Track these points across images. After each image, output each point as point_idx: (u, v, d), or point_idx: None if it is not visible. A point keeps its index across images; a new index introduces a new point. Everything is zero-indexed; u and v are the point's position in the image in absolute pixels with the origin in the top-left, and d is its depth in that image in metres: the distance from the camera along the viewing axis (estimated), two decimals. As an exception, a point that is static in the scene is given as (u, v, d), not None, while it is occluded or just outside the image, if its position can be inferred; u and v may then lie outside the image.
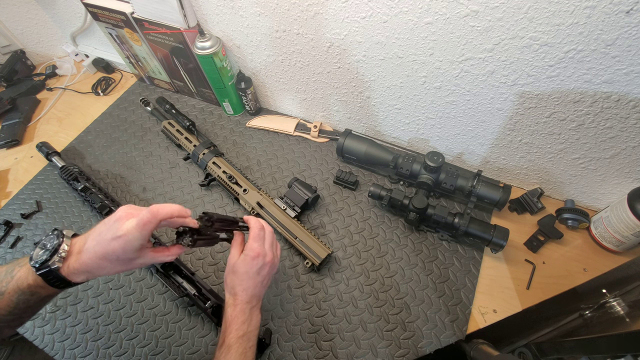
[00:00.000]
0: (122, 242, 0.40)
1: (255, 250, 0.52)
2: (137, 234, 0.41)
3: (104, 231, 0.42)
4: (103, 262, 0.41)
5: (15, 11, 1.09)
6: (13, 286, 0.42)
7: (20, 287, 0.42)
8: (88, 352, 0.66)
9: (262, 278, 0.53)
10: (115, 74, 1.18)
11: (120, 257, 0.41)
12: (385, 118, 0.81)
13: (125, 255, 0.42)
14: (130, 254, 0.42)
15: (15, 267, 0.43)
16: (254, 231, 0.54)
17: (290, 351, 0.63)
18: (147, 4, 0.80)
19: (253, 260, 0.52)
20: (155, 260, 0.46)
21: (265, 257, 0.53)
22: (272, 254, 0.54)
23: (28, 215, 0.86)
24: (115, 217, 0.42)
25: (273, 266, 0.55)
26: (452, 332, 0.63)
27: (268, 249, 0.54)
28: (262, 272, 0.53)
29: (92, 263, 0.41)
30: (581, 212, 0.69)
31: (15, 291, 0.42)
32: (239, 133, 0.96)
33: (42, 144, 0.93)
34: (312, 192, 0.76)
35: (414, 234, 0.74)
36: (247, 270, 0.51)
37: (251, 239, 0.53)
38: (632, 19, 0.44)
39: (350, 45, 0.67)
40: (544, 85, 0.56)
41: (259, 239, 0.53)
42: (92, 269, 0.42)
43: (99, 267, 0.42)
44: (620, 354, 0.48)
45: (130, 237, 0.40)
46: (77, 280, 0.42)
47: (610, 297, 0.63)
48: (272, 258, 0.54)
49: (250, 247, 0.52)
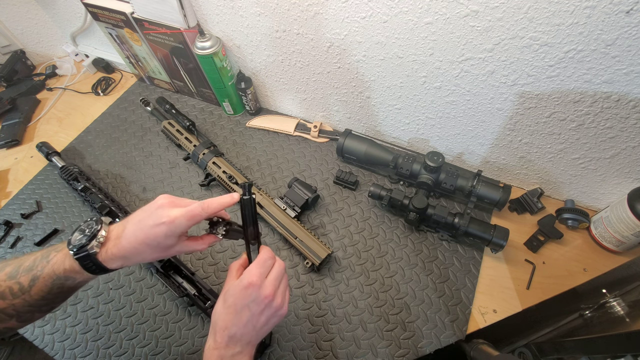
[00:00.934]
0: (166, 229, 0.41)
1: (252, 277, 0.41)
2: (184, 222, 0.41)
3: (145, 218, 0.42)
4: (142, 247, 0.42)
5: (15, 11, 1.09)
6: (48, 271, 0.42)
7: (56, 271, 0.42)
8: (88, 352, 0.66)
9: (253, 317, 0.41)
10: (115, 74, 1.18)
11: (161, 243, 0.42)
12: (385, 118, 0.81)
13: (166, 242, 0.42)
14: (170, 241, 0.42)
15: (52, 252, 0.44)
16: (261, 256, 0.44)
17: (290, 351, 0.63)
18: (147, 4, 0.80)
19: (245, 290, 0.41)
20: (189, 249, 0.46)
21: (261, 289, 0.42)
22: (272, 291, 0.42)
23: (28, 215, 0.86)
24: (157, 204, 0.43)
25: (273, 308, 0.43)
26: (452, 332, 0.63)
27: (270, 283, 0.43)
28: (253, 309, 0.41)
29: (131, 248, 0.42)
30: (581, 212, 0.69)
31: (51, 276, 0.42)
32: (239, 133, 0.96)
33: (42, 144, 0.93)
34: (312, 192, 0.76)
35: (414, 234, 0.74)
36: (235, 302, 0.41)
37: (254, 263, 0.44)
38: (632, 19, 0.44)
39: (350, 45, 0.67)
40: (544, 85, 0.56)
41: (262, 266, 0.43)
42: (130, 254, 0.42)
43: (137, 253, 0.42)
44: (620, 354, 0.49)
45: (176, 223, 0.41)
46: (113, 266, 0.43)
47: (610, 297, 0.63)
48: (271, 295, 0.42)
49: (248, 271, 0.42)
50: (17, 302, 0.43)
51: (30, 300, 0.43)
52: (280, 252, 0.74)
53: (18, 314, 0.44)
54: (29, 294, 0.43)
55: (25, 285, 0.43)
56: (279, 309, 0.43)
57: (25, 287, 0.43)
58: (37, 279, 0.43)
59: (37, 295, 0.43)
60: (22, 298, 0.43)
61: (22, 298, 0.43)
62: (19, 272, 0.43)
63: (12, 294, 0.43)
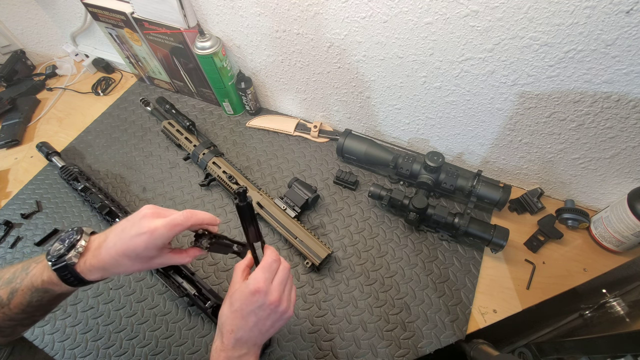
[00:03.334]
0: (146, 239, 0.40)
1: (258, 283, 0.41)
2: (165, 232, 0.40)
3: (128, 227, 0.41)
4: (122, 259, 0.41)
5: (15, 11, 1.09)
6: (27, 283, 0.42)
7: (34, 283, 0.41)
8: (88, 352, 0.66)
9: (259, 322, 0.42)
10: (115, 74, 1.18)
11: (141, 254, 0.41)
12: (385, 118, 0.81)
13: (146, 253, 0.41)
14: (151, 252, 0.41)
15: (32, 264, 0.43)
16: (266, 260, 0.43)
17: (290, 351, 0.63)
18: (147, 4, 0.80)
19: (252, 296, 0.41)
20: (172, 261, 0.45)
21: (267, 295, 0.42)
22: (278, 296, 0.42)
23: (28, 215, 0.86)
24: (141, 214, 0.42)
25: (279, 313, 0.43)
26: (452, 332, 0.63)
27: (275, 288, 0.43)
28: (259, 314, 0.42)
29: (110, 259, 0.41)
30: (581, 212, 0.69)
31: (29, 288, 0.42)
32: (239, 133, 0.96)
33: (42, 144, 0.93)
34: (312, 192, 0.76)
35: (414, 234, 0.74)
36: (242, 307, 0.42)
37: (259, 267, 0.43)
38: (632, 19, 0.44)
39: (350, 45, 0.67)
40: (544, 85, 0.56)
41: (267, 271, 0.43)
42: (109, 265, 0.41)
43: (116, 264, 0.41)
44: (620, 354, 0.48)
45: (156, 234, 0.40)
46: (92, 277, 0.42)
47: (610, 297, 0.63)
48: (277, 301, 0.42)
49: (254, 277, 0.42)
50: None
51: (10, 314, 0.42)
52: (280, 252, 0.74)
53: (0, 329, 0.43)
54: (8, 307, 0.42)
55: (4, 298, 0.42)
56: (284, 313, 0.44)
57: (4, 301, 0.42)
58: (15, 292, 0.42)
59: (16, 309, 0.42)
60: (2, 312, 0.42)
61: (1, 312, 0.42)
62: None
63: None
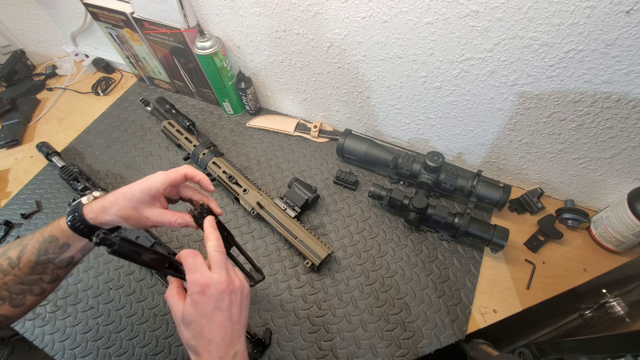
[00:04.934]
0: (144, 182, 0.46)
1: (200, 282, 0.38)
2: (160, 178, 0.46)
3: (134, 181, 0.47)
4: (119, 198, 0.45)
5: (15, 11, 1.09)
6: (37, 236, 0.46)
7: (43, 233, 0.46)
8: (88, 352, 0.66)
9: (226, 312, 0.39)
10: (115, 74, 1.18)
11: (134, 195, 0.45)
12: (385, 118, 0.81)
13: (140, 195, 0.45)
14: (144, 195, 0.45)
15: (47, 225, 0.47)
16: (187, 262, 0.40)
17: (290, 351, 0.63)
18: (147, 4, 0.80)
19: (202, 296, 0.38)
20: (160, 217, 0.46)
21: (216, 285, 0.39)
22: (225, 279, 0.40)
23: (28, 215, 0.86)
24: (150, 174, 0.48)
25: (237, 292, 0.40)
26: (452, 332, 0.63)
27: (217, 273, 0.40)
28: (222, 306, 0.39)
29: (111, 199, 0.46)
30: (581, 212, 0.69)
31: (37, 240, 0.45)
32: (239, 133, 0.96)
33: (42, 144, 0.93)
34: (312, 192, 0.76)
35: (414, 234, 0.74)
36: (202, 314, 0.38)
37: (188, 273, 0.39)
38: (632, 19, 0.44)
39: (350, 45, 0.67)
40: (544, 85, 0.56)
41: (196, 269, 0.39)
42: (109, 204, 0.45)
43: (114, 203, 0.45)
44: (620, 354, 0.48)
45: (154, 178, 0.46)
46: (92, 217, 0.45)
47: (610, 297, 0.63)
48: (227, 282, 0.40)
49: (192, 283, 0.39)
50: (8, 279, 0.44)
51: (21, 274, 0.45)
52: (280, 252, 0.74)
53: (10, 296, 0.45)
54: (19, 268, 0.44)
55: (14, 258, 0.45)
56: (242, 289, 0.41)
57: (14, 261, 0.44)
58: (25, 248, 0.45)
59: (25, 268, 0.45)
60: (13, 274, 0.44)
61: (12, 274, 0.44)
62: (10, 248, 0.46)
63: (3, 271, 0.44)
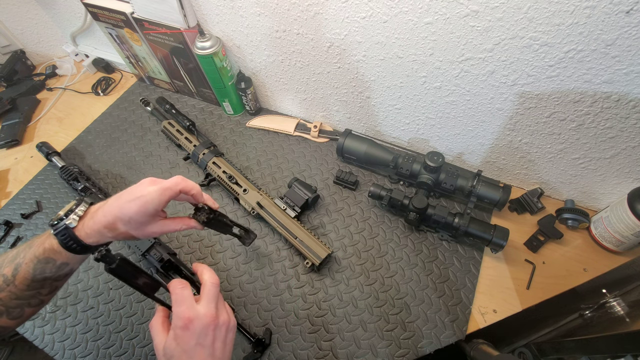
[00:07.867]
0: (139, 203, 0.42)
1: (184, 316, 0.38)
2: (156, 197, 0.42)
3: (125, 194, 0.43)
4: (116, 222, 0.42)
5: (15, 11, 1.09)
6: (30, 255, 0.43)
7: (36, 254, 0.43)
8: (88, 352, 0.66)
9: (211, 347, 0.38)
10: (115, 74, 1.18)
11: (133, 218, 0.42)
12: (385, 118, 0.81)
13: (138, 218, 0.42)
14: (143, 217, 0.43)
15: (35, 239, 0.44)
16: (175, 293, 0.39)
17: (290, 351, 0.63)
18: (147, 4, 0.80)
19: (186, 331, 0.37)
20: (166, 228, 0.46)
21: (200, 319, 0.38)
22: (211, 312, 0.39)
23: (28, 215, 0.86)
24: (139, 183, 0.44)
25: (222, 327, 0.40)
26: (452, 332, 0.63)
27: (204, 307, 0.39)
28: (205, 342, 0.38)
29: (105, 221, 0.42)
30: (581, 212, 0.69)
31: (32, 260, 0.43)
32: (239, 133, 0.96)
33: (42, 144, 0.93)
34: (312, 192, 0.76)
35: (414, 234, 0.74)
36: (184, 349, 0.37)
37: (174, 305, 0.39)
38: (632, 19, 0.44)
39: (350, 45, 0.67)
40: (544, 85, 0.56)
41: (183, 301, 0.39)
42: (104, 228, 0.42)
43: (111, 227, 0.42)
44: (620, 354, 0.48)
45: (148, 198, 0.42)
46: (90, 241, 0.43)
47: (610, 297, 0.63)
48: (213, 317, 0.39)
49: (177, 316, 0.38)
50: (4, 295, 0.43)
51: (17, 291, 0.43)
52: (280, 252, 0.74)
53: (7, 310, 0.44)
54: (14, 285, 0.43)
55: (9, 275, 0.43)
56: (228, 323, 0.41)
57: (9, 278, 0.43)
58: (19, 267, 0.43)
59: (21, 285, 0.43)
60: (8, 290, 0.43)
61: (7, 290, 0.43)
62: (3, 264, 0.44)
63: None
